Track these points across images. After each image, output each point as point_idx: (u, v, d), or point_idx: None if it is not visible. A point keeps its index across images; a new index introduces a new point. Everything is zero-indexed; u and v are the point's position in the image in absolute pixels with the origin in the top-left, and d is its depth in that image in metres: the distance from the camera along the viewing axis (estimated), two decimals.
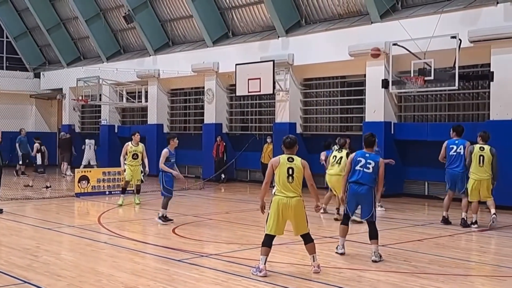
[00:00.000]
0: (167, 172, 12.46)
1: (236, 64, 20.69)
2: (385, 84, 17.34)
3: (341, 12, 20.25)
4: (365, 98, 18.76)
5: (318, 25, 20.63)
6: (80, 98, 25.80)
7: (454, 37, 15.21)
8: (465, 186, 12.23)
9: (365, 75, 18.46)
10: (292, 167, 7.97)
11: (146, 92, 26.15)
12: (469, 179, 12.12)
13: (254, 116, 23.35)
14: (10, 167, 23.44)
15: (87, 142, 26.67)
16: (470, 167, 12.07)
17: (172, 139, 12.70)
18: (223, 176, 22.85)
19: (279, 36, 21.10)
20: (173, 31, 26.33)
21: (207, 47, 23.77)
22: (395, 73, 17.18)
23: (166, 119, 26.44)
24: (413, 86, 15.91)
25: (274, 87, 19.79)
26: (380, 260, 8.80)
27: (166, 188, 12.50)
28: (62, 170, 25.35)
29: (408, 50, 16.07)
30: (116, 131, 28.69)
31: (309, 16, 21.10)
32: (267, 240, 8.02)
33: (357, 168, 9.00)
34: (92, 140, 26.80)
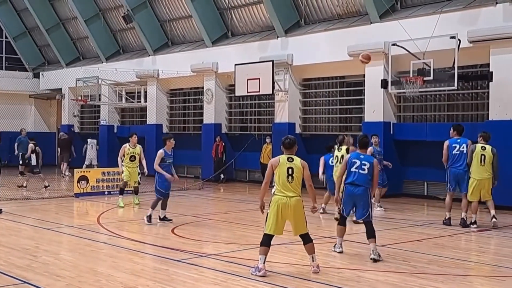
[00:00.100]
0: (160, 173, 12.43)
1: (235, 64, 20.70)
2: (384, 84, 17.34)
3: (340, 12, 20.25)
4: (364, 98, 18.77)
5: (317, 25, 20.63)
6: (79, 98, 25.80)
7: (453, 37, 15.23)
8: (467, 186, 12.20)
9: (364, 75, 18.46)
10: (292, 167, 8.00)
11: (145, 92, 26.16)
12: (469, 178, 12.11)
13: (253, 116, 23.35)
14: (9, 167, 23.41)
15: (89, 141, 26.52)
16: (471, 166, 12.07)
17: (168, 140, 12.55)
18: (222, 176, 22.86)
19: (278, 36, 21.10)
20: (172, 31, 26.32)
21: (206, 47, 23.78)
22: (394, 73, 17.20)
23: (165, 119, 26.45)
24: (412, 87, 15.91)
25: (273, 87, 19.80)
26: (379, 259, 8.81)
27: (157, 189, 12.45)
28: (62, 170, 25.35)
29: (407, 50, 16.09)
30: (115, 131, 28.69)
31: (308, 16, 21.09)
32: (266, 240, 8.02)
33: (352, 169, 9.10)
34: (94, 140, 26.71)
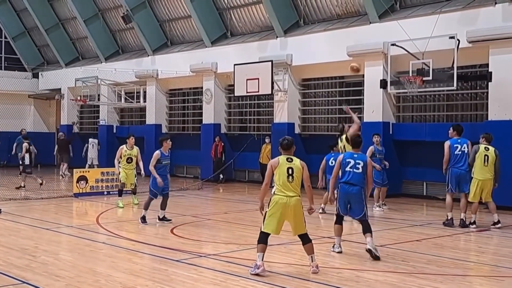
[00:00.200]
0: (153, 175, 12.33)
1: (235, 64, 20.70)
2: (383, 84, 17.35)
3: (339, 12, 20.25)
4: (363, 99, 18.76)
5: (317, 25, 20.63)
6: (78, 98, 25.80)
7: (452, 37, 15.23)
8: (469, 187, 12.15)
9: (363, 75, 18.45)
10: (292, 167, 8.02)
11: (145, 92, 26.16)
12: (472, 179, 12.05)
13: (253, 116, 23.35)
14: (9, 168, 23.41)
15: (90, 141, 26.34)
16: (473, 167, 12.01)
17: (165, 141, 12.47)
18: (222, 176, 22.85)
19: (277, 36, 21.09)
20: (171, 31, 26.32)
21: (206, 47, 23.77)
22: (394, 73, 17.19)
23: (164, 119, 26.45)
24: (411, 87, 15.91)
25: (273, 87, 19.80)
26: (376, 253, 8.86)
27: (150, 189, 12.43)
28: (61, 170, 25.34)
29: (406, 51, 16.09)
30: (114, 131, 28.69)
31: (307, 16, 21.09)
32: (263, 238, 8.03)
33: (347, 169, 9.17)
34: (96, 140, 26.62)
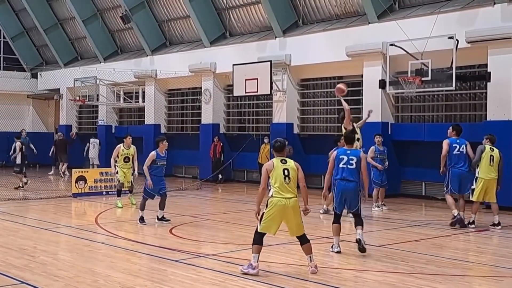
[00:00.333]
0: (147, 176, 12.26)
1: (234, 65, 20.70)
2: (382, 84, 17.36)
3: (338, 12, 20.25)
4: (362, 99, 18.75)
5: (316, 25, 20.63)
6: (77, 98, 25.75)
7: (451, 37, 15.24)
8: (471, 187, 12.10)
9: (362, 76, 18.45)
10: (287, 168, 8.06)
11: (143, 92, 26.12)
12: (477, 179, 12.01)
13: (251, 116, 23.35)
14: (8, 168, 23.39)
15: (92, 141, 26.21)
16: (479, 167, 11.97)
17: (161, 142, 12.37)
18: (220, 176, 22.84)
19: (276, 37, 21.09)
20: (170, 32, 26.31)
21: (204, 47, 23.76)
22: (392, 73, 17.19)
23: (163, 120, 26.43)
24: (410, 87, 15.91)
25: (272, 87, 19.81)
26: (364, 245, 9.10)
27: (145, 189, 12.40)
28: (60, 170, 25.32)
29: (405, 51, 16.10)
30: (113, 131, 28.67)
31: (306, 16, 21.09)
32: (259, 238, 8.04)
33: (341, 165, 9.34)
34: (97, 140, 26.55)
